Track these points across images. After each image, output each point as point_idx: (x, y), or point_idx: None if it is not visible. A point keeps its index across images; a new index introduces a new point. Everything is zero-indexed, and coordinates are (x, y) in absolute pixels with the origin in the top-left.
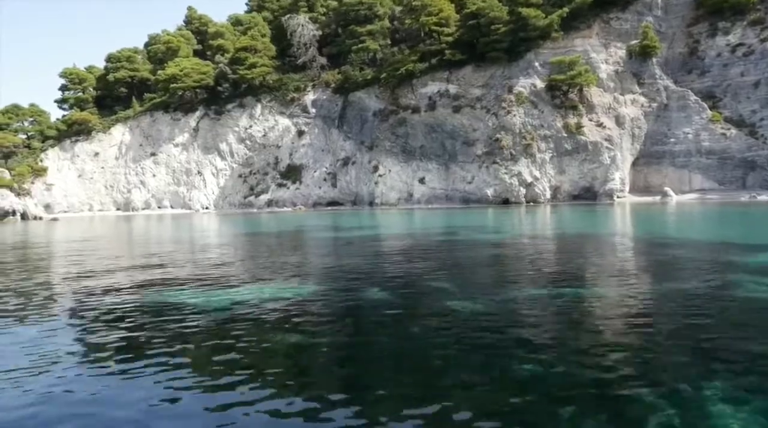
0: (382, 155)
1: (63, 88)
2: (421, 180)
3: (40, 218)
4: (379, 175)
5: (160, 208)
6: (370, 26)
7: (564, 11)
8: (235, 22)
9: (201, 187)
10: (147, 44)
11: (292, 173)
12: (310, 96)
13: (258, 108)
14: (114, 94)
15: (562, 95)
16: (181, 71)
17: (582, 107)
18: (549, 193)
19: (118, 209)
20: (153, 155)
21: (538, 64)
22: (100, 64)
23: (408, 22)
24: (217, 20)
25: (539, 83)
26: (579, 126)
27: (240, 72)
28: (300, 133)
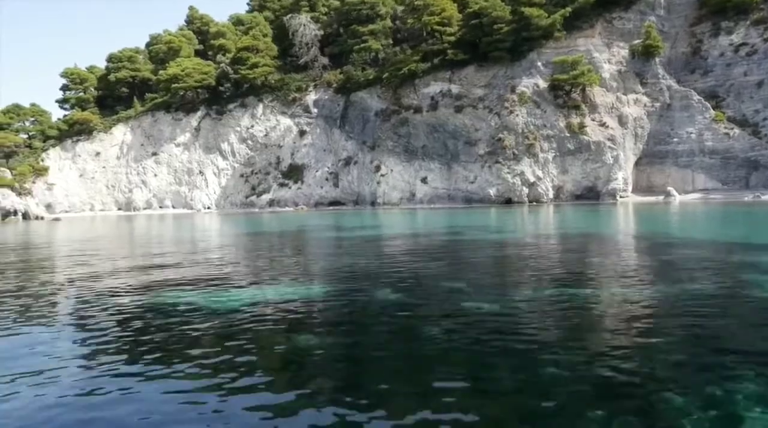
0: (384, 155)
1: (64, 87)
2: (424, 180)
3: (41, 218)
4: (381, 175)
5: (161, 207)
6: (372, 26)
7: (567, 11)
8: (237, 21)
9: (202, 187)
10: (148, 44)
11: (293, 173)
12: (311, 96)
13: (260, 108)
14: (115, 93)
15: (564, 95)
16: (183, 71)
17: (585, 107)
18: (552, 193)
19: (119, 209)
20: (154, 155)
21: (540, 63)
22: (101, 64)
23: (410, 21)
24: (219, 20)
25: (542, 83)
26: (582, 126)
27: (242, 72)
28: (302, 133)
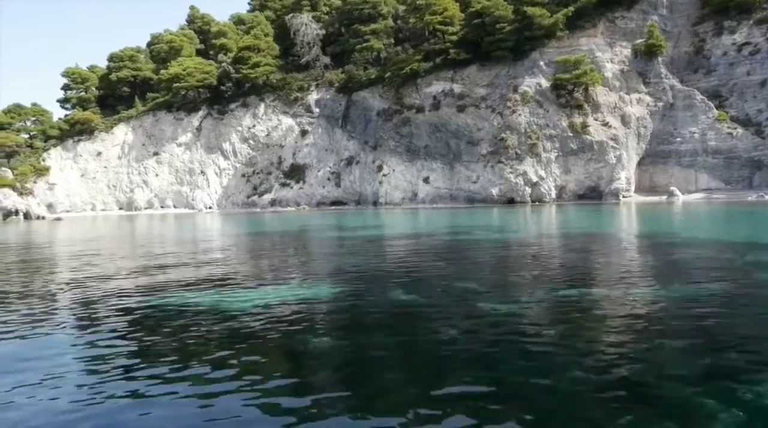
0: (386, 155)
1: (65, 87)
2: (426, 179)
3: (43, 218)
4: (383, 175)
5: (162, 207)
6: (374, 25)
7: (569, 10)
8: (238, 21)
9: (204, 187)
10: (150, 43)
11: (295, 173)
12: (313, 95)
13: (261, 107)
14: (116, 93)
15: (567, 94)
16: (184, 70)
17: (587, 106)
18: (554, 193)
19: (120, 209)
20: (156, 155)
21: (543, 63)
22: (102, 63)
23: (412, 21)
24: (220, 19)
25: (544, 82)
26: (584, 125)
27: (243, 71)
28: (303, 133)
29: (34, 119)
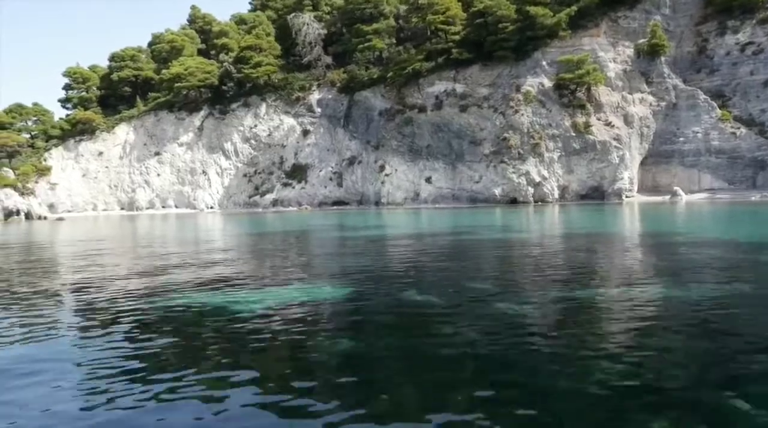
0: (388, 154)
1: (67, 87)
2: (428, 179)
3: (44, 218)
4: (386, 175)
5: (164, 207)
6: (375, 25)
7: (572, 10)
8: (239, 20)
9: (206, 187)
10: (151, 43)
11: (297, 173)
12: (315, 95)
13: (263, 107)
14: (118, 93)
15: (570, 94)
16: (186, 70)
17: (590, 106)
18: (557, 193)
19: (122, 209)
20: (157, 154)
21: (545, 62)
22: (103, 63)
23: (414, 20)
24: (221, 19)
25: (547, 82)
26: (587, 125)
27: (245, 71)
28: (305, 133)
29: (35, 119)
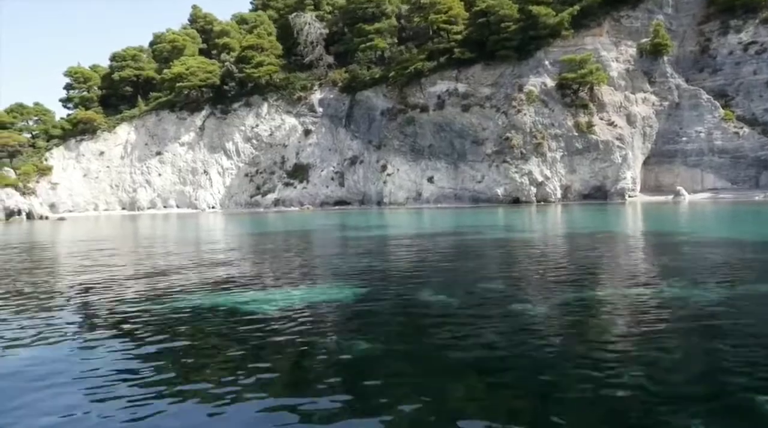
0: (390, 154)
1: (68, 86)
2: (430, 179)
3: (46, 217)
4: (388, 175)
5: (165, 207)
6: (377, 24)
7: (574, 9)
8: (240, 20)
9: (207, 187)
10: (152, 43)
11: (299, 172)
12: (317, 95)
13: (264, 107)
14: (119, 93)
15: (572, 94)
16: (187, 70)
17: (593, 106)
18: (560, 193)
19: (123, 208)
20: (159, 154)
21: (548, 62)
22: (104, 63)
23: (416, 20)
24: (222, 19)
25: (549, 82)
26: (590, 125)
27: (246, 71)
28: (307, 132)
29: (36, 119)
